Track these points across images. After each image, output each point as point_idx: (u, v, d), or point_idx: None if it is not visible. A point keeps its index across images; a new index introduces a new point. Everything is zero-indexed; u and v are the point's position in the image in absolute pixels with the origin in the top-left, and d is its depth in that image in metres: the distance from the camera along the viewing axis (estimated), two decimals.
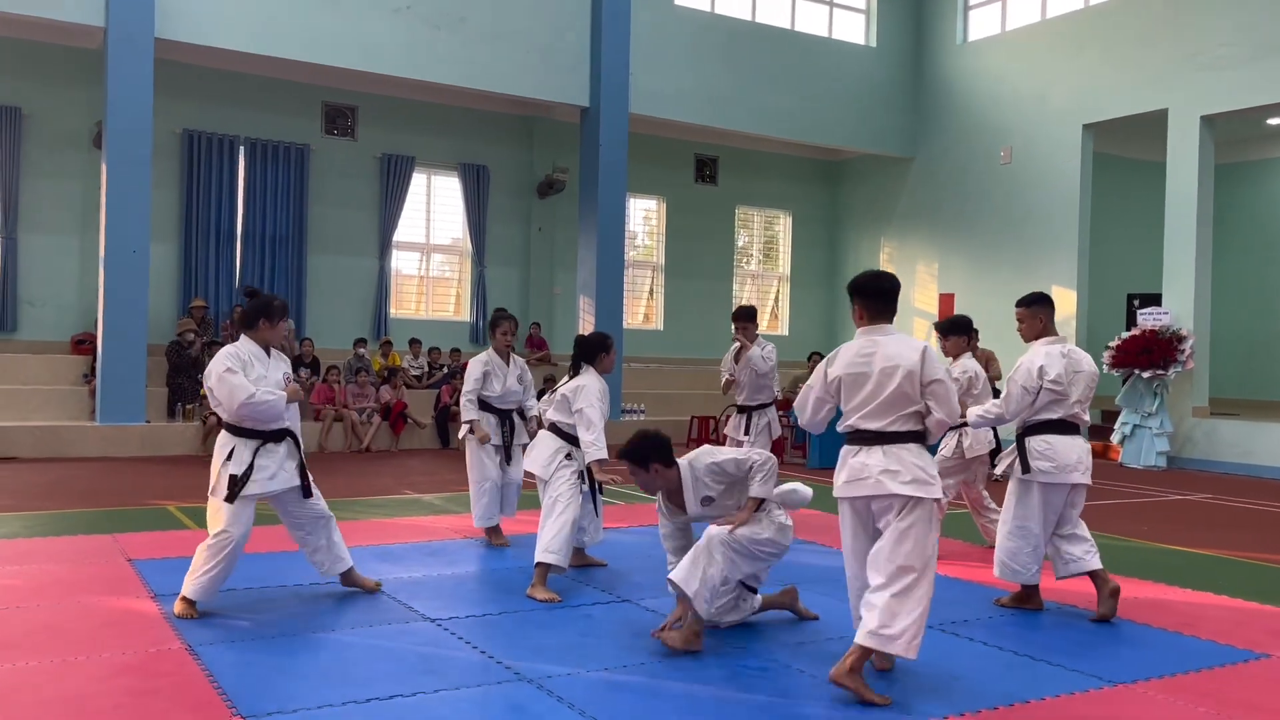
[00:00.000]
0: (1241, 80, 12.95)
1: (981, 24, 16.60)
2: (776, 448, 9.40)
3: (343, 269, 14.98)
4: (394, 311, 15.56)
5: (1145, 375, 13.05)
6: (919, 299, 17.30)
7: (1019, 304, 5.42)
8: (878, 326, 4.14)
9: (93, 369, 12.43)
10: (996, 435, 6.87)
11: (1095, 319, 15.31)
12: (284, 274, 14.57)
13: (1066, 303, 14.84)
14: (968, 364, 6.55)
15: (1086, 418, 5.30)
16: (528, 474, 6.03)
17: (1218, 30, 13.20)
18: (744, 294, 18.75)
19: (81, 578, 5.64)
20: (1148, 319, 13.50)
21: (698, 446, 5.07)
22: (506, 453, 6.86)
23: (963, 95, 16.57)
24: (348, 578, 5.42)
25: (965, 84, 16.55)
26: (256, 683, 3.96)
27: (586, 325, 14.81)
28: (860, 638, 3.89)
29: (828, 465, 12.14)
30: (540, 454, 5.79)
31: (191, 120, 13.97)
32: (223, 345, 12.81)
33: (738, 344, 7.98)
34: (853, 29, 17.30)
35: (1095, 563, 5.25)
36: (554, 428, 5.81)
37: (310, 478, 5.17)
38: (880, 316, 4.15)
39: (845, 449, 4.14)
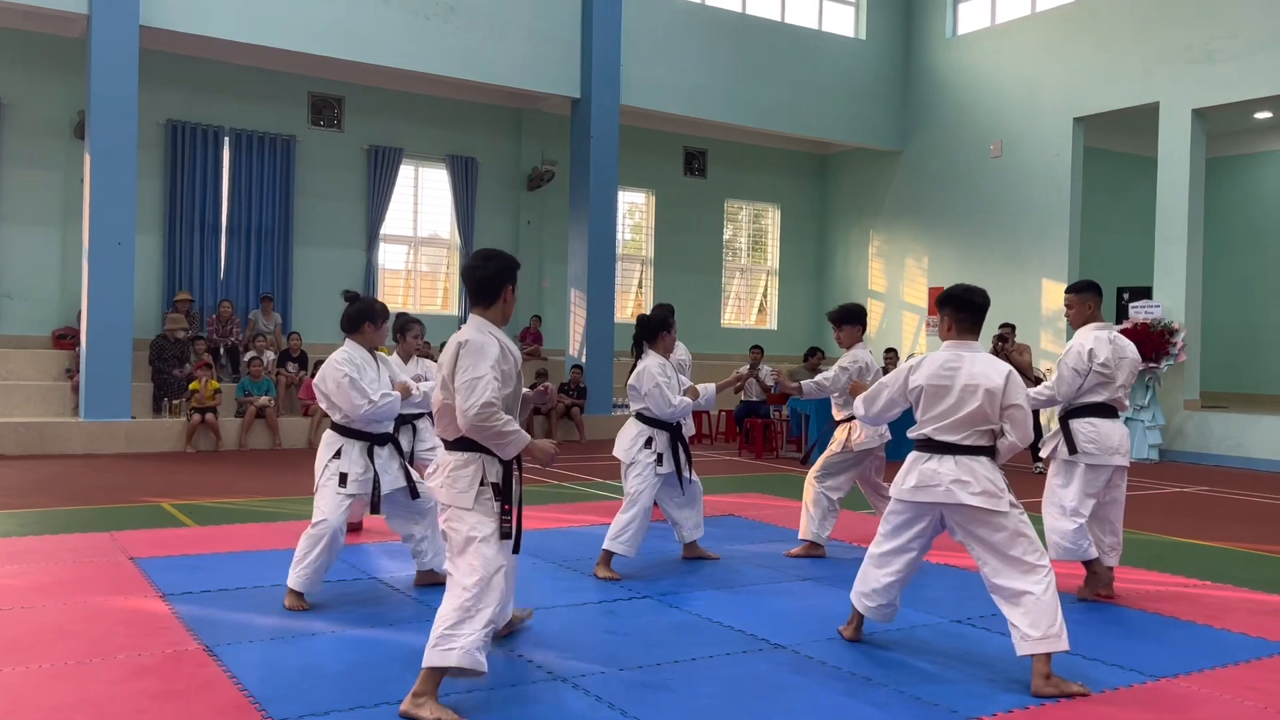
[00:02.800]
0: (1233, 74, 12.98)
1: (971, 17, 16.58)
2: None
3: (329, 262, 14.75)
4: None
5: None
6: (908, 293, 17.29)
7: (1068, 290, 5.48)
8: (965, 342, 4.24)
9: (76, 364, 12.17)
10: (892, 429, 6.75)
11: None
12: (270, 267, 14.33)
13: (1057, 296, 14.88)
14: (859, 354, 6.50)
15: (1127, 403, 5.36)
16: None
17: (1209, 23, 13.22)
18: (733, 288, 18.68)
19: (84, 577, 5.47)
20: (1139, 312, 13.53)
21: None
22: (409, 459, 6.60)
23: (952, 88, 16.56)
24: (431, 576, 5.38)
25: (955, 77, 16.53)
26: (283, 684, 3.82)
27: (577, 319, 14.69)
28: (1032, 647, 3.91)
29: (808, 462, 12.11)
30: (623, 439, 5.97)
31: (175, 111, 13.70)
32: (206, 340, 12.75)
33: None
34: (843, 21, 17.24)
35: (1113, 560, 5.40)
36: (639, 416, 5.98)
37: (414, 478, 5.27)
38: (969, 331, 4.26)
39: (915, 454, 4.22)
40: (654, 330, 5.94)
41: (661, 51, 15.06)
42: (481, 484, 3.66)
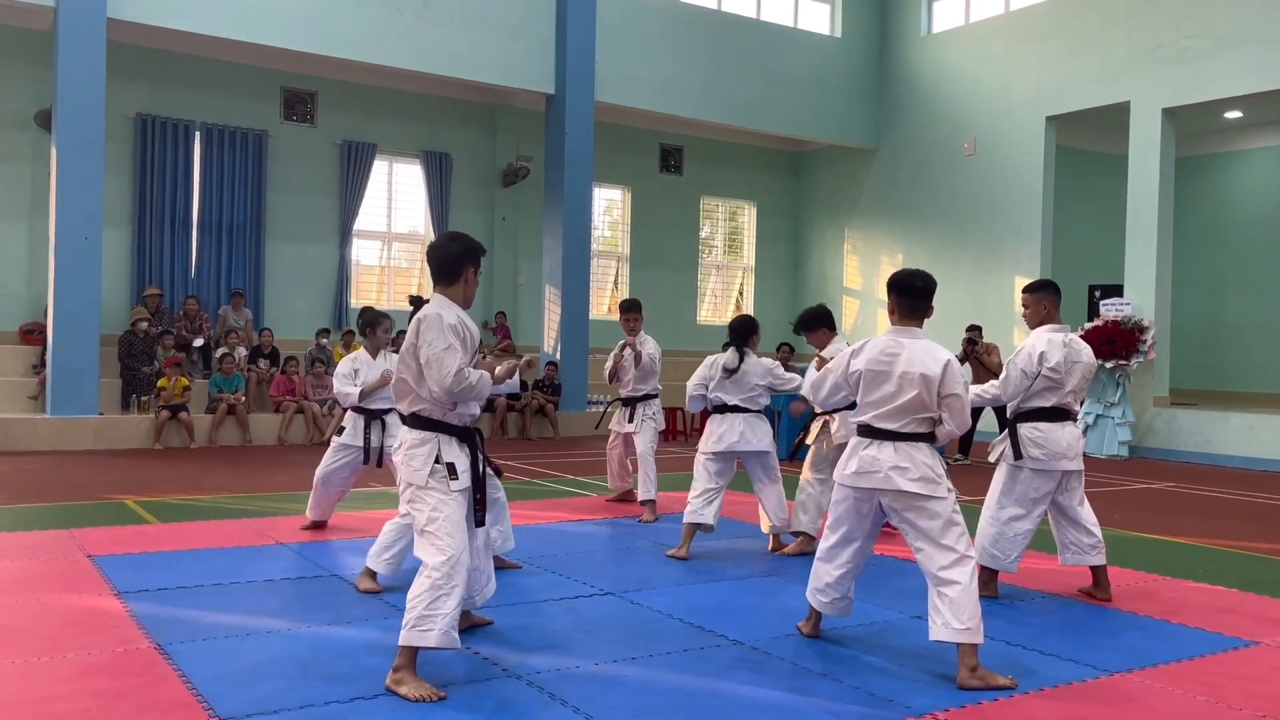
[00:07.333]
0: (1202, 73, 13.07)
1: (945, 16, 16.64)
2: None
3: (302, 258, 14.65)
4: (354, 301, 15.22)
5: (1108, 366, 13.15)
6: (882, 290, 17.25)
7: (1025, 290, 5.44)
8: (907, 328, 4.22)
9: (42, 359, 12.04)
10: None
11: None
12: (241, 262, 14.22)
13: None
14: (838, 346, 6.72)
15: (1079, 407, 5.31)
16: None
17: (1179, 23, 13.32)
18: (708, 285, 18.69)
19: (39, 574, 5.40)
20: (1110, 310, 13.61)
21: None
22: (379, 456, 6.53)
23: (927, 86, 16.61)
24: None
25: (929, 75, 16.58)
26: (233, 682, 3.78)
27: (552, 315, 14.65)
28: (951, 636, 3.93)
29: (795, 458, 12.11)
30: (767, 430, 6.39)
31: (145, 104, 13.57)
32: (174, 334, 12.62)
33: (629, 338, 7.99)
34: (818, 19, 17.27)
35: (1099, 559, 5.35)
36: (736, 409, 6.37)
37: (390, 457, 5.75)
38: (912, 316, 4.23)
39: (856, 440, 4.23)
40: (748, 334, 6.43)
41: (637, 47, 15.03)
42: (436, 462, 3.86)
